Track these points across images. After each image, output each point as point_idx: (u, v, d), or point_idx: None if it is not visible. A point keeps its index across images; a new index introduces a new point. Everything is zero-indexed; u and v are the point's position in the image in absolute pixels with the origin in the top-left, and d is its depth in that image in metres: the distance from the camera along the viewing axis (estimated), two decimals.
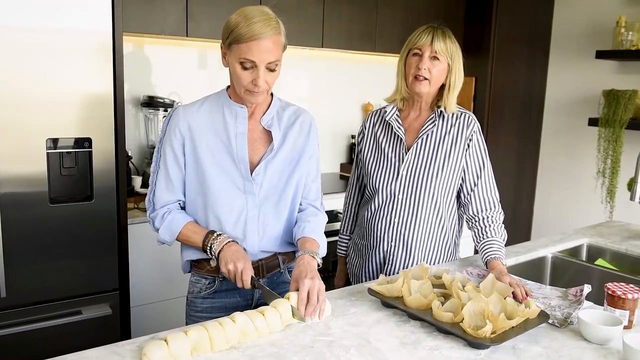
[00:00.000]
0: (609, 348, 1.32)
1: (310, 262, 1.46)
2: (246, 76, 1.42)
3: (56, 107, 2.04)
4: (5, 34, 1.90)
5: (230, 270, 1.43)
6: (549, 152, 4.16)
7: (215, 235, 1.50)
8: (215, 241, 1.48)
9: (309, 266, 1.44)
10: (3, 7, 1.89)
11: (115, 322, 2.26)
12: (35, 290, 2.08)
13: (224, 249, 1.47)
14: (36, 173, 2.03)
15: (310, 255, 1.48)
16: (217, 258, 1.48)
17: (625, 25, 3.47)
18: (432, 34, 1.78)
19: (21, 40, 1.94)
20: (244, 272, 1.43)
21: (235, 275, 1.43)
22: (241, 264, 1.43)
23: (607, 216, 3.64)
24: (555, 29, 4.04)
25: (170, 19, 2.65)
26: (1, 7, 1.88)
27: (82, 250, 2.15)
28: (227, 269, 1.44)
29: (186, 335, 1.20)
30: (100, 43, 2.09)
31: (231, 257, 1.44)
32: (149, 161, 2.89)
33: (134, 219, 2.41)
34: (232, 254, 1.45)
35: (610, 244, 2.25)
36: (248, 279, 1.43)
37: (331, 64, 3.67)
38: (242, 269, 1.42)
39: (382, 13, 3.44)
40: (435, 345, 1.29)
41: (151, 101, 2.88)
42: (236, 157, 1.53)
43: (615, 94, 3.49)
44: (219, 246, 1.48)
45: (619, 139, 3.49)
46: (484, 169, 1.85)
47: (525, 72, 4.03)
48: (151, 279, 2.51)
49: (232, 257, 1.44)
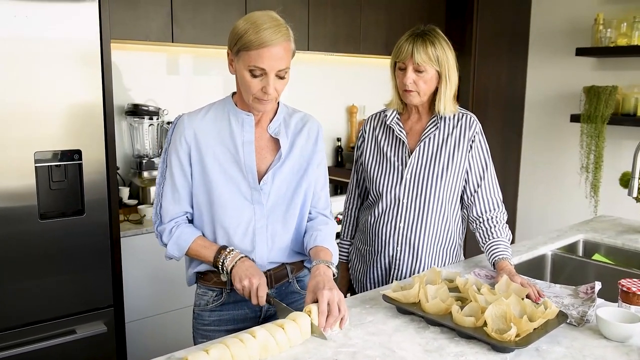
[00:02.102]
0: (630, 345, 1.32)
1: (327, 272, 1.42)
2: (255, 84, 1.38)
3: (44, 119, 1.96)
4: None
5: (245, 286, 1.39)
6: (532, 149, 4.21)
7: (228, 250, 1.45)
8: (227, 257, 1.44)
9: (326, 277, 1.40)
10: None
11: (110, 340, 2.19)
12: (27, 311, 2.00)
13: (237, 265, 1.42)
14: (24, 188, 1.95)
15: (325, 265, 1.44)
16: (229, 274, 1.43)
17: (604, 23, 3.53)
18: (412, 45, 1.70)
19: (6, 51, 1.86)
20: (260, 288, 1.39)
21: (250, 292, 1.39)
22: (256, 280, 1.39)
23: (591, 211, 3.70)
24: (534, 27, 4.09)
25: (155, 25, 2.58)
26: None
27: (74, 267, 2.08)
28: (242, 285, 1.39)
29: (207, 354, 1.15)
30: (88, 51, 2.02)
31: (245, 273, 1.40)
32: (135, 171, 2.81)
33: (126, 232, 2.34)
34: (246, 270, 1.41)
35: (606, 239, 2.28)
36: (264, 295, 1.39)
37: (316, 66, 3.64)
38: (257, 285, 1.39)
39: (366, 15, 3.44)
40: (460, 351, 1.27)
41: (136, 109, 2.80)
42: (244, 166, 1.48)
43: (596, 90, 3.54)
44: (231, 262, 1.43)
45: (601, 134, 3.55)
46: (487, 170, 1.84)
47: (507, 70, 4.08)
48: (145, 293, 2.44)
49: (246, 273, 1.40)
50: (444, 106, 1.77)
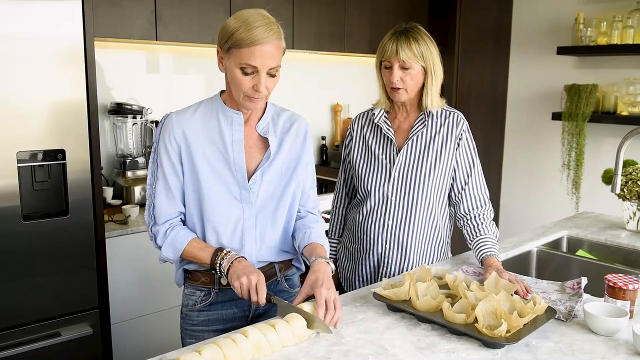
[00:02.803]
0: (617, 339, 1.34)
1: (326, 270, 1.43)
2: (247, 82, 1.37)
3: (26, 118, 1.92)
4: None
5: (243, 283, 1.37)
6: (514, 146, 4.26)
7: (225, 252, 1.44)
8: (224, 258, 1.43)
9: (325, 274, 1.41)
10: None
11: (96, 342, 2.16)
12: (10, 313, 1.96)
13: (234, 265, 1.41)
14: (7, 187, 1.91)
15: (325, 261, 1.46)
16: (227, 275, 1.42)
17: (584, 22, 3.59)
18: (396, 43, 1.72)
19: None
20: (259, 285, 1.37)
21: (249, 289, 1.38)
22: (254, 277, 1.38)
23: (573, 207, 3.75)
24: (515, 26, 4.13)
25: (138, 23, 2.55)
26: None
27: (59, 268, 2.04)
28: (240, 282, 1.37)
29: (200, 355, 1.14)
30: (71, 50, 1.99)
31: (243, 271, 1.39)
32: (119, 171, 2.78)
33: (111, 232, 2.31)
34: (244, 268, 1.40)
35: (589, 235, 2.31)
36: (264, 293, 1.38)
37: (300, 65, 3.64)
38: (256, 282, 1.37)
39: (350, 13, 3.44)
40: (451, 347, 1.28)
41: (119, 108, 2.76)
42: (233, 165, 1.47)
43: (577, 89, 3.60)
44: (228, 263, 1.42)
45: (582, 132, 3.61)
46: (474, 167, 1.86)
47: (490, 68, 4.12)
48: (130, 294, 2.41)
49: (243, 271, 1.39)
50: (432, 101, 1.79)
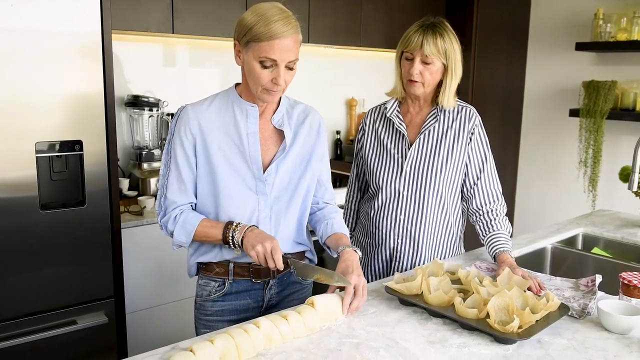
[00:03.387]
0: (631, 337, 1.33)
1: (355, 258, 1.47)
2: (266, 75, 1.39)
3: (45, 110, 1.95)
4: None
5: (259, 252, 1.37)
6: (531, 143, 4.22)
7: (235, 224, 1.45)
8: (236, 230, 1.43)
9: (355, 262, 1.45)
10: None
11: (111, 331, 2.19)
12: (27, 301, 2.00)
13: (247, 235, 1.42)
14: (25, 178, 1.94)
15: (352, 249, 1.49)
16: (241, 246, 1.43)
17: (603, 17, 3.54)
18: (422, 36, 1.70)
19: (7, 43, 1.85)
20: (274, 250, 1.37)
21: (265, 256, 1.38)
22: (269, 243, 1.38)
23: (589, 205, 3.71)
24: (533, 22, 4.09)
25: (155, 16, 2.57)
26: None
27: (75, 258, 2.07)
28: (256, 251, 1.38)
29: (212, 344, 1.15)
30: (89, 43, 2.01)
31: (257, 239, 1.39)
32: (135, 162, 2.81)
33: (127, 223, 2.33)
34: (257, 236, 1.40)
35: (605, 232, 2.29)
36: (280, 258, 1.38)
37: (315, 59, 3.64)
38: (271, 248, 1.37)
39: (367, 8, 3.43)
40: (463, 342, 1.28)
41: (136, 101, 2.79)
42: (248, 158, 1.49)
43: (595, 85, 3.55)
44: (240, 234, 1.42)
45: (599, 129, 3.56)
46: (486, 162, 1.84)
47: (506, 65, 4.08)
48: (145, 284, 2.44)
49: (257, 239, 1.39)
50: (448, 99, 1.78)
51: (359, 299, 1.39)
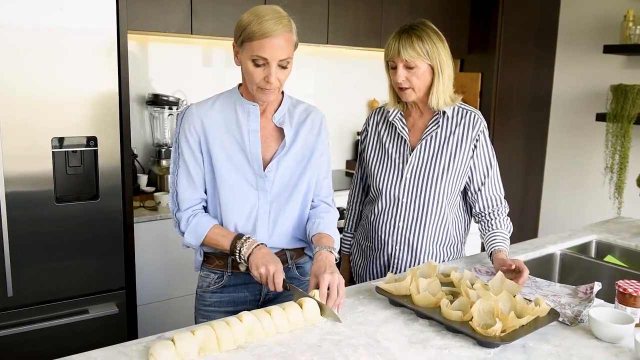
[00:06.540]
0: (620, 346, 1.30)
1: (329, 257, 1.48)
2: (258, 73, 1.43)
3: (62, 107, 2.03)
4: (9, 34, 1.90)
5: (262, 274, 1.43)
6: (557, 147, 4.13)
7: (244, 238, 1.50)
8: (244, 245, 1.48)
9: (328, 261, 1.46)
10: (7, 7, 1.88)
11: (122, 321, 2.27)
12: (42, 290, 2.09)
13: (254, 253, 1.47)
14: (42, 172, 2.03)
15: (327, 250, 1.50)
16: (247, 261, 1.48)
17: (633, 20, 3.43)
18: (397, 42, 1.69)
19: (26, 41, 1.94)
20: (276, 275, 1.43)
21: (267, 279, 1.44)
22: (272, 267, 1.43)
23: (615, 212, 3.61)
24: (562, 25, 4.00)
25: (174, 17, 2.64)
26: (6, 8, 1.88)
27: (89, 249, 2.15)
28: (259, 272, 1.44)
29: (193, 335, 1.19)
30: (105, 42, 2.08)
31: (262, 261, 1.44)
32: (154, 159, 2.89)
33: (140, 218, 2.41)
34: (263, 257, 1.45)
35: (619, 240, 2.23)
36: (280, 282, 1.43)
37: (336, 60, 3.66)
38: (274, 272, 1.43)
39: (388, 9, 3.42)
40: (445, 344, 1.28)
41: (156, 99, 2.87)
42: (249, 154, 1.53)
43: (623, 89, 3.45)
44: (248, 249, 1.48)
45: (627, 134, 3.46)
46: (491, 169, 1.82)
47: (532, 68, 4.00)
48: (157, 277, 2.51)
49: (262, 260, 1.45)
50: (437, 100, 1.75)
51: (333, 299, 1.40)
